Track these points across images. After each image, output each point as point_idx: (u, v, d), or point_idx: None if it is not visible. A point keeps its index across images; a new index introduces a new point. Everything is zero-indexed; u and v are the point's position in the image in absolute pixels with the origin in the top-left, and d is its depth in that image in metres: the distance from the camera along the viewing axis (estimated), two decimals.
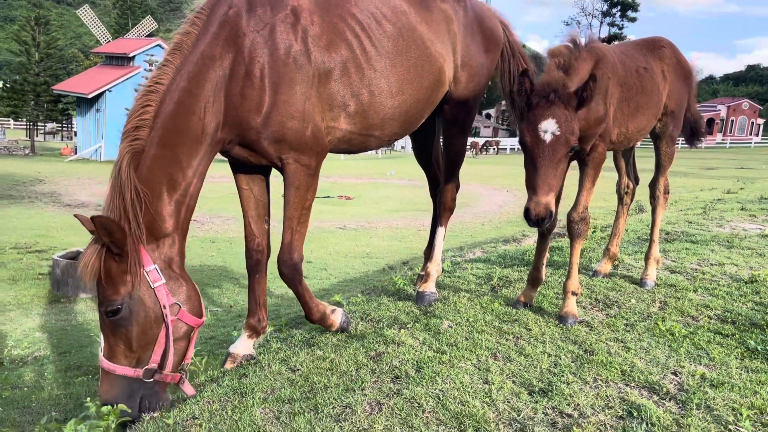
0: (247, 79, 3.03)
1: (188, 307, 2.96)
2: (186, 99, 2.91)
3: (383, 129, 3.69)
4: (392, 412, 2.71)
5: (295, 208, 3.36)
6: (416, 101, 3.76)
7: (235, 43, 3.02)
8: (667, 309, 4.14)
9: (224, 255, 12.35)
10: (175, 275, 2.95)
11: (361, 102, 3.46)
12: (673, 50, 4.61)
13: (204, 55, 2.96)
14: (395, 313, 4.12)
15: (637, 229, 7.43)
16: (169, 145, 2.89)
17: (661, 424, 2.58)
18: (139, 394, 2.85)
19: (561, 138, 3.22)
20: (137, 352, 2.84)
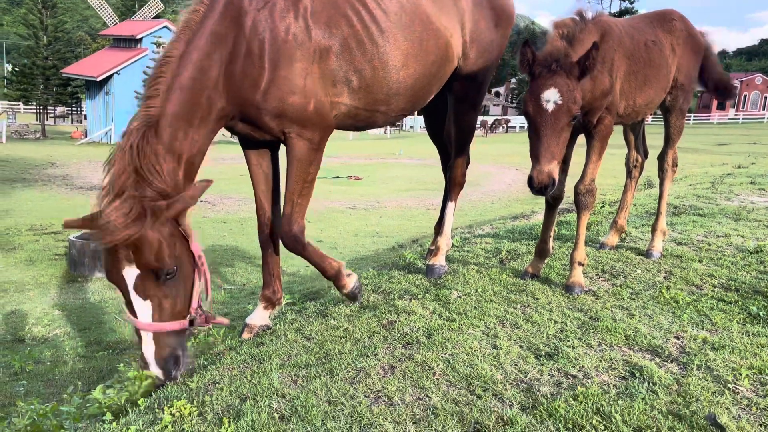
0: (247, 56, 3.13)
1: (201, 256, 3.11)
2: (195, 72, 3.03)
3: (389, 104, 3.73)
4: (404, 374, 2.84)
5: (297, 181, 3.41)
6: (422, 76, 3.78)
7: (238, 22, 3.13)
8: (672, 278, 4.23)
9: (235, 235, 12.51)
10: (189, 230, 3.06)
11: (365, 77, 3.51)
12: (684, 23, 4.61)
13: (211, 31, 3.08)
14: (406, 285, 4.23)
15: (645, 203, 7.49)
16: (180, 115, 3.00)
17: (662, 384, 2.69)
18: (185, 342, 3.01)
19: (563, 107, 3.28)
20: (182, 306, 2.96)
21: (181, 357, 2.95)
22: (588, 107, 3.78)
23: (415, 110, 4.16)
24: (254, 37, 3.14)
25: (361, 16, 3.48)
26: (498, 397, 2.63)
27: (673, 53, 4.41)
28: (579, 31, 3.62)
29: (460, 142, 4.48)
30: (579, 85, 3.37)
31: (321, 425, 2.45)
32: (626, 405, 2.50)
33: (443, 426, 2.42)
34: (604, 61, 3.75)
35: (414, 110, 4.13)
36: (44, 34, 42.89)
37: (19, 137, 37.46)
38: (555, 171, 3.30)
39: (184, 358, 2.97)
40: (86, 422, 2.80)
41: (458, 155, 4.52)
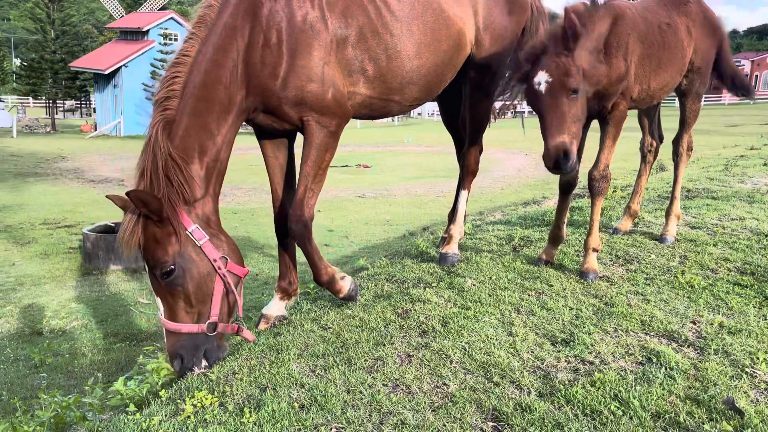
0: (266, 47, 3.15)
1: (234, 258, 3.11)
2: (213, 69, 3.04)
3: (403, 93, 3.75)
4: (421, 363, 2.86)
5: (312, 166, 3.41)
6: (435, 64, 3.79)
7: (254, 13, 3.14)
8: (686, 263, 4.21)
9: (247, 225, 12.56)
10: (215, 232, 3.09)
11: (379, 67, 3.53)
12: (700, 5, 4.54)
13: (227, 26, 3.08)
14: (419, 274, 4.25)
15: (658, 187, 7.44)
16: (199, 113, 3.02)
17: (679, 369, 2.69)
18: (203, 347, 2.99)
19: (555, 83, 3.29)
20: (197, 308, 2.98)
21: (188, 358, 2.94)
22: (605, 92, 3.77)
23: (429, 99, 4.15)
24: (271, 27, 3.16)
25: (376, 5, 3.50)
26: (515, 384, 2.65)
27: (689, 36, 4.35)
28: (590, 16, 3.59)
29: (474, 130, 4.48)
30: (572, 59, 3.34)
31: (341, 414, 2.48)
32: (644, 390, 2.51)
33: (462, 413, 2.44)
34: (618, 46, 3.73)
35: (428, 99, 4.14)
36: (51, 28, 42.99)
37: (30, 131, 37.69)
38: (566, 143, 3.27)
39: (194, 359, 2.96)
40: (109, 413, 2.85)
41: (472, 143, 4.52)
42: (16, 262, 9.90)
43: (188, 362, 2.95)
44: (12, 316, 7.43)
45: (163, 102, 3.00)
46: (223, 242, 3.10)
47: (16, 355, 6.01)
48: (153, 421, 2.50)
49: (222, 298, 3.03)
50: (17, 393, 4.74)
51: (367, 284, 4.16)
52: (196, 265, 2.96)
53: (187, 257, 2.93)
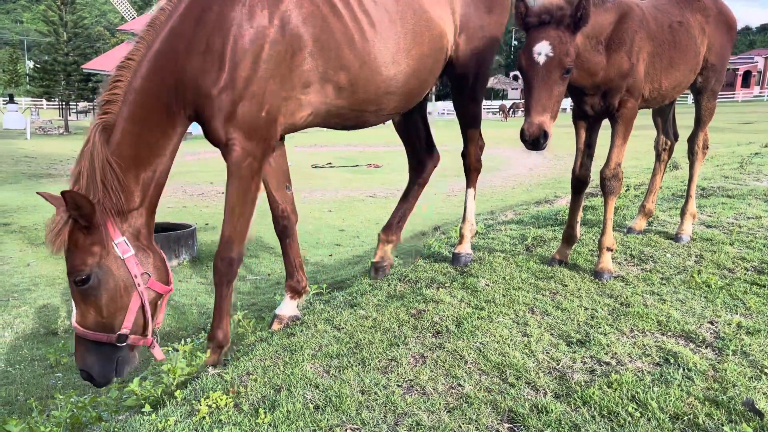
0: (207, 53, 2.97)
1: (157, 276, 3.03)
2: (153, 75, 2.93)
3: (380, 104, 3.52)
4: (436, 363, 2.85)
5: (236, 201, 3.17)
6: (416, 71, 3.55)
7: (202, 19, 2.98)
8: (703, 262, 4.17)
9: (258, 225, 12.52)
10: (144, 246, 3.02)
11: (351, 75, 3.29)
12: (714, 0, 4.51)
13: (173, 31, 2.96)
14: (432, 274, 4.24)
15: (672, 186, 7.38)
16: (138, 120, 2.92)
17: (697, 370, 2.66)
18: (114, 358, 2.94)
19: (554, 59, 3.24)
20: (108, 319, 2.91)
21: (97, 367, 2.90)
22: (605, 87, 3.76)
23: (411, 107, 3.93)
24: (216, 33, 2.96)
25: (350, 8, 3.26)
26: (531, 385, 2.63)
27: (703, 33, 4.30)
28: (595, 9, 3.58)
29: (468, 131, 4.32)
30: (573, 39, 3.31)
31: (356, 415, 2.47)
32: (662, 392, 2.49)
33: (477, 414, 2.43)
34: (622, 42, 3.71)
35: (410, 107, 3.91)
36: (64, 31, 43.37)
37: (43, 133, 38.05)
38: (546, 123, 3.23)
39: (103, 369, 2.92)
40: (125, 414, 2.87)
41: (469, 143, 4.35)
42: (30, 263, 9.99)
43: (97, 373, 2.92)
44: (27, 316, 7.50)
45: (104, 105, 2.92)
46: (149, 257, 3.03)
47: (32, 355, 6.06)
48: (168, 421, 2.50)
49: (138, 312, 2.96)
50: (33, 393, 4.78)
51: (380, 284, 4.16)
52: (114, 278, 2.88)
53: (106, 269, 2.86)
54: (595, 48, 3.62)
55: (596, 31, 3.61)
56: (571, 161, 8.92)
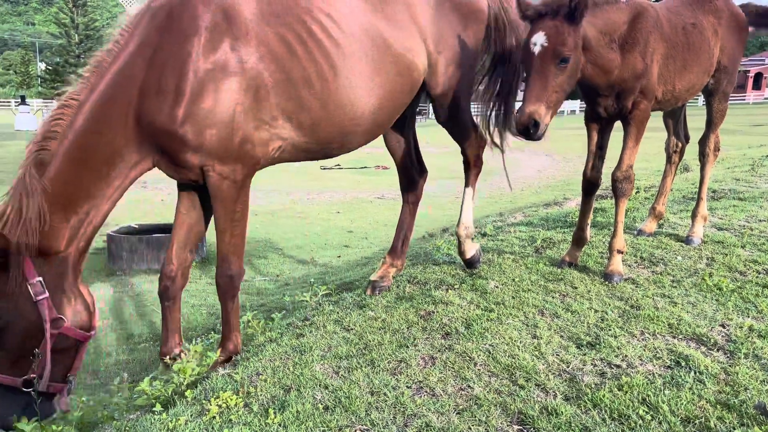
0: (161, 95, 2.90)
1: (75, 321, 2.96)
2: (98, 117, 2.86)
3: (343, 142, 3.45)
4: (445, 365, 2.85)
5: (224, 222, 3.16)
6: (382, 108, 3.44)
7: (154, 60, 2.91)
8: (714, 265, 4.15)
9: (267, 227, 12.64)
10: (64, 290, 2.92)
11: (312, 116, 3.22)
12: (726, 2, 4.48)
13: (122, 74, 2.89)
14: (441, 275, 4.23)
15: (682, 188, 7.34)
16: (76, 162, 2.84)
17: (709, 373, 2.65)
18: (18, 402, 2.83)
19: (548, 49, 3.26)
20: (15, 362, 2.81)
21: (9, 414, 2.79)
22: (619, 88, 3.76)
23: (375, 137, 3.78)
24: (170, 72, 2.89)
25: (308, 48, 3.15)
26: (541, 387, 2.63)
27: (716, 35, 4.28)
28: (607, 4, 3.59)
29: (462, 140, 4.15)
30: (573, 30, 3.31)
31: (365, 416, 2.48)
32: (673, 395, 2.47)
33: (487, 416, 2.43)
34: (635, 42, 3.71)
35: (378, 136, 3.79)
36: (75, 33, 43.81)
37: None
38: (539, 113, 3.23)
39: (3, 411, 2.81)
40: (136, 413, 2.88)
41: (467, 148, 4.16)
42: None
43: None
44: None
45: (41, 141, 2.82)
46: (70, 302, 2.94)
47: None
48: (179, 420, 2.52)
49: (51, 358, 2.86)
50: None
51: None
52: (23, 320, 2.78)
53: (13, 310, 2.76)
54: (609, 45, 3.63)
55: (609, 28, 3.62)
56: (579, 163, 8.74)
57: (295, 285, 7.42)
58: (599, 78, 3.69)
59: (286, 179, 16.93)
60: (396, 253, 4.32)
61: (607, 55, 3.62)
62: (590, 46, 3.49)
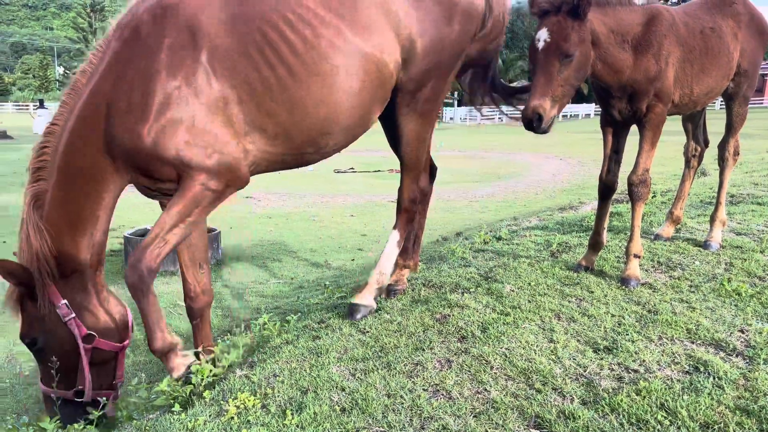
0: (130, 114, 2.95)
1: (106, 334, 3.22)
2: (76, 140, 2.98)
3: (318, 145, 3.40)
4: (461, 368, 2.85)
5: (173, 215, 3.02)
6: (351, 108, 3.35)
7: (121, 79, 2.98)
8: (732, 270, 4.11)
9: (281, 230, 12.70)
10: (90, 307, 3.16)
11: (279, 123, 3.19)
12: (745, 5, 4.45)
13: (93, 93, 2.99)
14: (456, 279, 4.23)
15: (700, 192, 7.28)
16: (65, 186, 3.01)
17: (728, 378, 2.63)
18: (79, 410, 3.16)
19: (552, 45, 3.33)
20: (67, 376, 3.13)
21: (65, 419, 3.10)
22: (631, 89, 3.77)
23: (357, 137, 3.65)
24: (136, 89, 2.95)
25: (267, 57, 3.11)
26: (558, 391, 2.62)
27: (735, 39, 4.26)
28: (621, 5, 3.64)
29: (408, 158, 3.80)
30: (578, 26, 3.36)
31: (382, 418, 2.49)
32: (692, 400, 2.46)
33: (504, 420, 2.43)
34: (649, 44, 3.72)
35: (356, 138, 3.64)
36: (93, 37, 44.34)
37: None
38: (543, 107, 3.31)
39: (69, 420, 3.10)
40: (156, 413, 2.92)
41: (406, 174, 3.85)
42: None
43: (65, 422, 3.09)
44: None
45: (35, 173, 3.03)
46: (98, 318, 3.18)
47: None
48: (198, 421, 2.54)
49: (90, 370, 3.16)
50: None
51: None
52: (59, 341, 3.08)
53: (49, 332, 3.06)
54: (620, 45, 3.65)
55: (621, 27, 3.64)
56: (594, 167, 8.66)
57: (310, 288, 7.45)
58: (610, 77, 3.71)
59: (300, 182, 17.01)
60: (407, 254, 4.28)
61: (618, 55, 3.64)
62: (599, 43, 3.54)
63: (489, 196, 15.09)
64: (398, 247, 3.88)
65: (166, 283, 9.20)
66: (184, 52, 2.99)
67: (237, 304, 7.17)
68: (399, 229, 3.89)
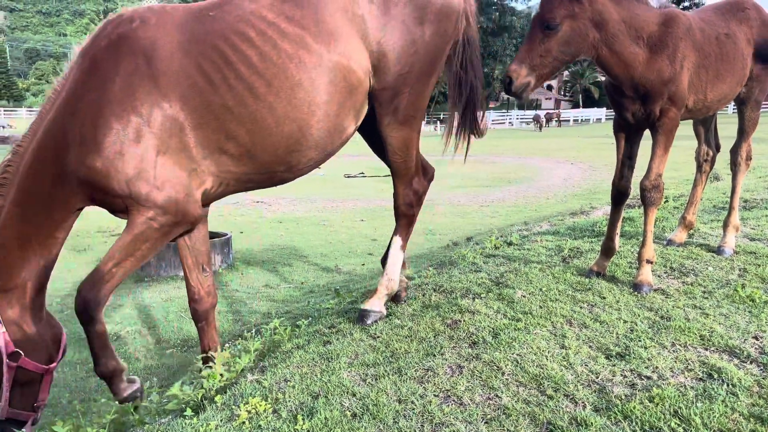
0: (83, 146, 2.96)
1: (34, 354, 3.16)
2: (36, 165, 3.05)
3: (289, 163, 3.30)
4: (473, 374, 2.84)
5: (119, 250, 3.05)
6: (319, 122, 3.23)
7: (79, 108, 2.98)
8: (746, 276, 4.07)
9: (291, 234, 12.73)
10: (22, 324, 3.15)
11: (242, 144, 3.12)
12: (758, 11, 4.44)
13: (52, 121, 3.03)
14: (467, 284, 4.22)
15: (712, 197, 7.22)
16: (22, 204, 3.06)
17: (742, 385, 2.60)
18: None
19: (538, 16, 3.57)
20: None
21: None
22: (643, 89, 3.77)
23: (333, 153, 3.51)
24: (89, 123, 2.95)
25: (224, 77, 3.04)
26: (570, 397, 2.61)
27: (749, 44, 4.25)
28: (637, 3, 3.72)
29: (397, 165, 3.75)
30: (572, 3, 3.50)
31: (393, 423, 2.48)
32: (705, 407, 2.44)
33: (515, 426, 2.42)
34: (664, 45, 3.72)
35: (332, 154, 3.50)
36: None
37: None
38: (517, 72, 3.54)
39: None
40: (167, 417, 2.93)
41: (399, 181, 3.81)
42: (71, 269, 10.28)
43: None
44: (69, 320, 7.71)
45: None
46: (27, 336, 3.15)
47: (74, 358, 6.23)
48: (210, 425, 2.55)
49: (12, 388, 3.09)
50: (76, 396, 4.92)
51: (414, 294, 4.16)
52: None
53: None
54: (634, 39, 3.70)
55: (635, 21, 3.69)
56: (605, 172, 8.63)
57: (320, 292, 7.46)
58: (619, 69, 3.74)
59: (310, 187, 17.05)
60: None
61: (629, 47, 3.68)
62: (606, 27, 3.62)
63: (500, 201, 15.05)
64: (402, 251, 3.86)
65: (177, 287, 9.26)
66: (138, 80, 2.97)
67: (248, 308, 7.20)
68: (400, 234, 3.90)
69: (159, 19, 3.11)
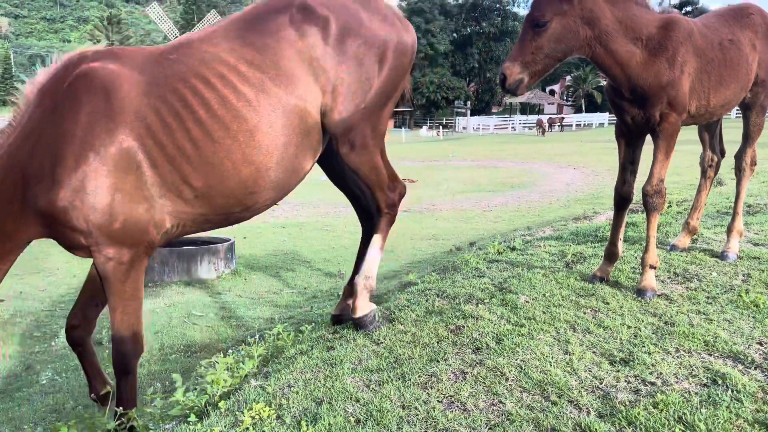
0: (43, 182, 2.97)
1: None
2: None
3: (246, 203, 3.32)
4: (476, 380, 2.84)
5: (114, 301, 3.13)
6: (277, 164, 3.25)
7: (37, 145, 3.00)
8: (750, 281, 4.07)
9: (294, 239, 12.74)
10: None
11: (197, 187, 3.13)
12: (763, 16, 4.45)
13: (9, 156, 3.05)
14: (470, 289, 4.23)
15: (716, 202, 7.21)
16: None
17: (746, 391, 2.60)
18: None
19: (528, 14, 3.65)
20: None
21: None
22: (641, 91, 3.77)
23: (293, 188, 3.53)
24: (47, 157, 2.97)
25: (182, 120, 3.06)
26: (574, 403, 2.61)
27: (753, 49, 4.25)
28: (634, 1, 3.73)
29: (371, 184, 3.71)
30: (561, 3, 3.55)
31: (396, 429, 2.48)
32: (710, 413, 2.43)
33: None
34: (664, 49, 3.73)
35: (291, 189, 3.52)
36: None
37: None
38: (510, 69, 3.62)
39: None
40: (171, 423, 2.93)
41: (377, 192, 3.72)
42: (76, 275, 10.31)
43: None
44: None
45: None
46: None
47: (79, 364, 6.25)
48: (213, 431, 2.56)
49: None
50: (81, 401, 4.92)
51: (417, 299, 4.17)
52: None
53: None
54: (630, 38, 3.71)
55: (632, 22, 3.70)
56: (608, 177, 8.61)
57: (323, 298, 7.46)
58: (616, 68, 3.76)
59: (313, 192, 17.05)
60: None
61: (625, 46, 3.70)
62: (599, 25, 3.64)
63: (502, 206, 15.04)
64: (381, 250, 3.81)
65: (180, 293, 9.27)
66: (97, 117, 2.99)
67: (251, 313, 7.20)
68: (381, 233, 3.81)
69: (120, 59, 3.15)
